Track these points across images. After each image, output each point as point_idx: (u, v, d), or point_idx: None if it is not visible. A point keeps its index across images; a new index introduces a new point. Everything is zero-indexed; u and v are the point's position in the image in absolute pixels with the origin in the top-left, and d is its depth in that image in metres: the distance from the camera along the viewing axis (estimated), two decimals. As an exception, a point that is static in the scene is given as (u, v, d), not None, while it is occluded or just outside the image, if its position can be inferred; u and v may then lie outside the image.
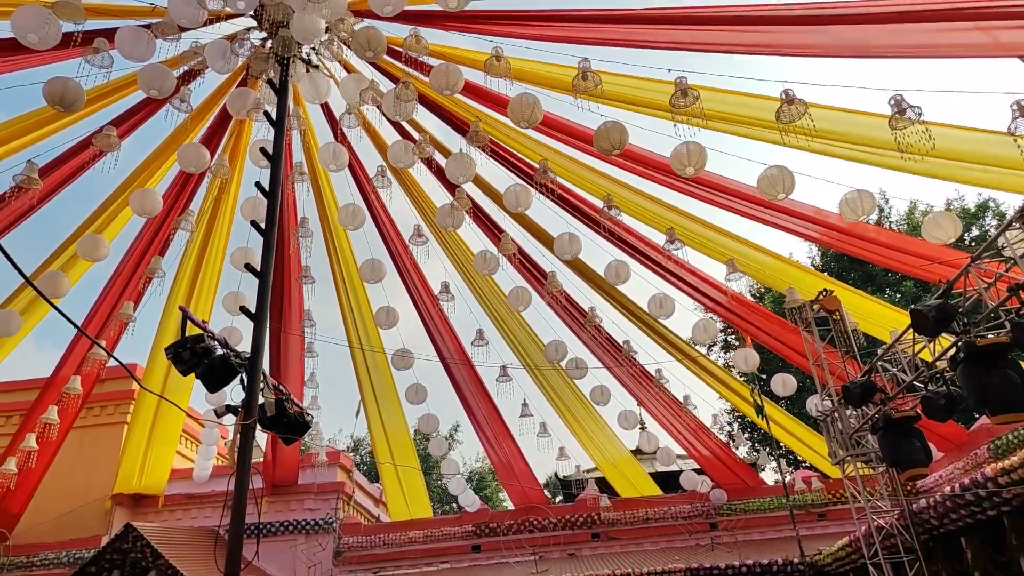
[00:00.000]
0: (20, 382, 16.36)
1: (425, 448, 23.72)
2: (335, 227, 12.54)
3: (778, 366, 18.44)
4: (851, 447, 10.21)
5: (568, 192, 11.35)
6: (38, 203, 10.22)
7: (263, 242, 8.04)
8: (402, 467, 15.09)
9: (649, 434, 13.84)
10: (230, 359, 7.12)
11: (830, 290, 10.89)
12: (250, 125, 11.13)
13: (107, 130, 9.83)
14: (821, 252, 25.00)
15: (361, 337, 13.83)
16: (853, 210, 8.84)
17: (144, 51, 8.55)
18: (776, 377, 12.68)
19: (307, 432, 8.49)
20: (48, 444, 13.44)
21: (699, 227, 10.88)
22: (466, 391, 14.39)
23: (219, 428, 15.37)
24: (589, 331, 12.66)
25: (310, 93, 9.71)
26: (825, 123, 8.33)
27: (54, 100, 8.33)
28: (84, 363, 12.76)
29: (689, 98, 7.85)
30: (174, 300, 12.46)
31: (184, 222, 11.09)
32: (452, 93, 8.93)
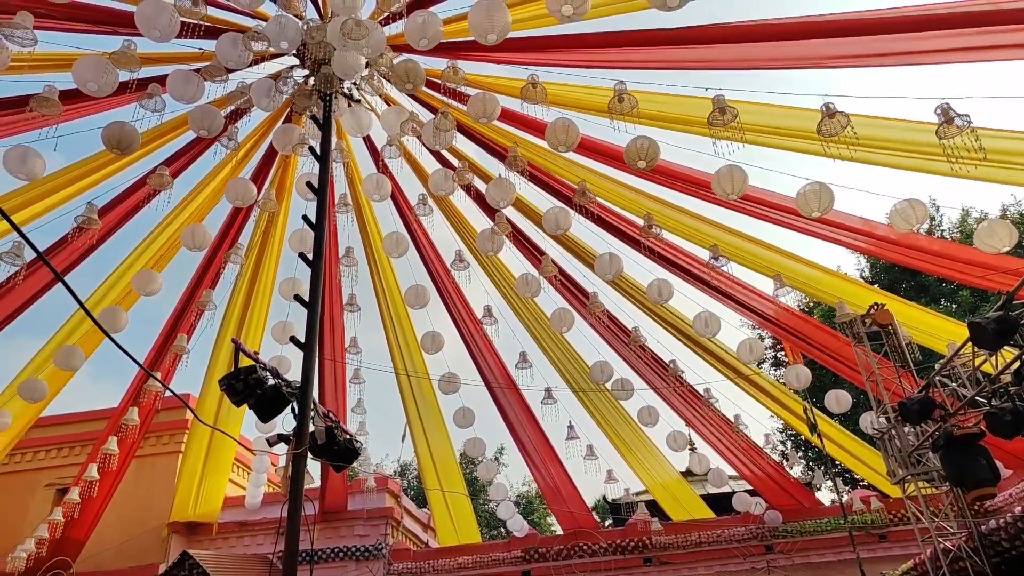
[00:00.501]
0: (82, 414, 16.98)
1: (471, 472, 23.68)
2: (379, 255, 12.76)
3: (830, 382, 17.96)
4: (911, 466, 9.86)
5: (608, 212, 11.34)
6: (98, 242, 10.66)
7: (311, 273, 8.24)
8: (450, 493, 15.10)
9: (700, 455, 13.58)
10: (281, 389, 7.29)
11: (882, 304, 10.60)
12: (295, 159, 11.46)
13: (160, 170, 10.24)
14: (871, 264, 24.35)
15: (406, 362, 13.97)
16: (905, 220, 8.63)
17: (194, 93, 8.93)
18: (830, 394, 12.33)
19: (356, 459, 8.59)
20: (109, 474, 13.87)
21: (743, 242, 10.73)
22: (511, 414, 14.36)
23: (269, 456, 15.68)
24: (634, 351, 12.54)
25: (352, 127, 9.96)
26: (869, 130, 8.18)
27: (112, 144, 8.74)
28: (141, 394, 13.18)
29: (728, 115, 7.81)
30: (226, 331, 12.81)
31: (234, 255, 11.42)
32: (489, 121, 9.06)
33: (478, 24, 7.39)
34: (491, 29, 7.43)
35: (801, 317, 13.99)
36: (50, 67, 8.90)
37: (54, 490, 16.69)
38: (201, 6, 8.22)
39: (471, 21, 7.42)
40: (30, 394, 11.36)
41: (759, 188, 10.05)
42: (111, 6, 8.75)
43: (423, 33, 7.61)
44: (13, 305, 10.83)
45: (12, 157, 8.38)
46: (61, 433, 16.84)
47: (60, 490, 16.00)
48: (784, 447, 24.09)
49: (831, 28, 7.82)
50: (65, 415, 16.85)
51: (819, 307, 23.12)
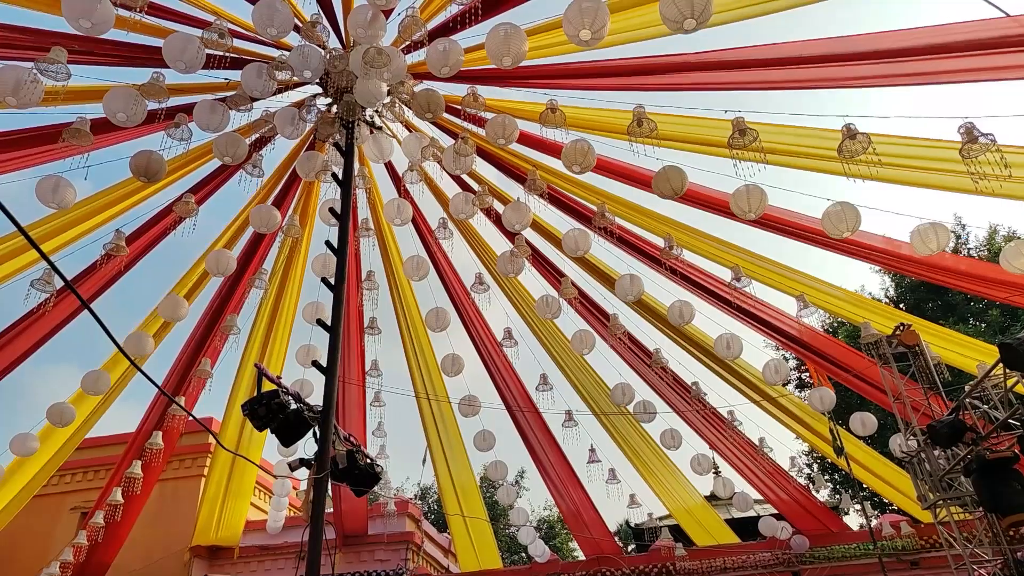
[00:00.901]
0: (106, 437, 17.13)
1: (492, 495, 23.51)
2: (400, 279, 12.85)
3: (856, 403, 17.66)
4: (943, 490, 9.63)
5: (628, 232, 11.33)
6: (125, 268, 10.86)
7: (333, 298, 8.32)
8: (470, 518, 14.99)
9: (724, 479, 13.38)
10: (303, 413, 7.34)
11: (908, 324, 10.44)
12: (319, 185, 11.62)
13: (186, 197, 10.44)
14: (895, 283, 24.02)
15: (427, 385, 13.98)
16: (925, 243, 8.52)
17: (219, 122, 9.13)
18: (855, 416, 12.13)
19: (377, 483, 8.59)
20: (133, 498, 13.97)
21: (766, 265, 10.66)
22: (532, 437, 14.28)
23: (291, 480, 15.70)
24: (656, 372, 12.45)
25: (374, 153, 10.10)
26: (891, 148, 8.13)
27: (139, 172, 8.94)
28: (165, 418, 13.30)
29: (747, 137, 7.81)
30: (249, 355, 12.93)
31: (258, 280, 11.57)
32: (507, 144, 9.14)
33: (494, 49, 7.48)
34: (507, 52, 7.52)
35: (825, 337, 13.82)
36: (81, 99, 9.14)
37: (79, 513, 16.82)
38: (227, 38, 8.42)
39: (488, 46, 7.52)
40: (59, 419, 11.52)
41: (781, 208, 10.00)
42: (140, 42, 8.99)
43: (444, 61, 7.72)
44: (44, 331, 11.02)
45: (44, 187, 8.60)
46: (86, 457, 16.98)
47: (84, 513, 16.13)
48: (810, 470, 23.66)
49: (851, 55, 7.83)
50: (90, 439, 16.94)
51: (843, 327, 22.82)
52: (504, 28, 7.32)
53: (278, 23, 7.89)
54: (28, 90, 7.69)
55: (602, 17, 6.67)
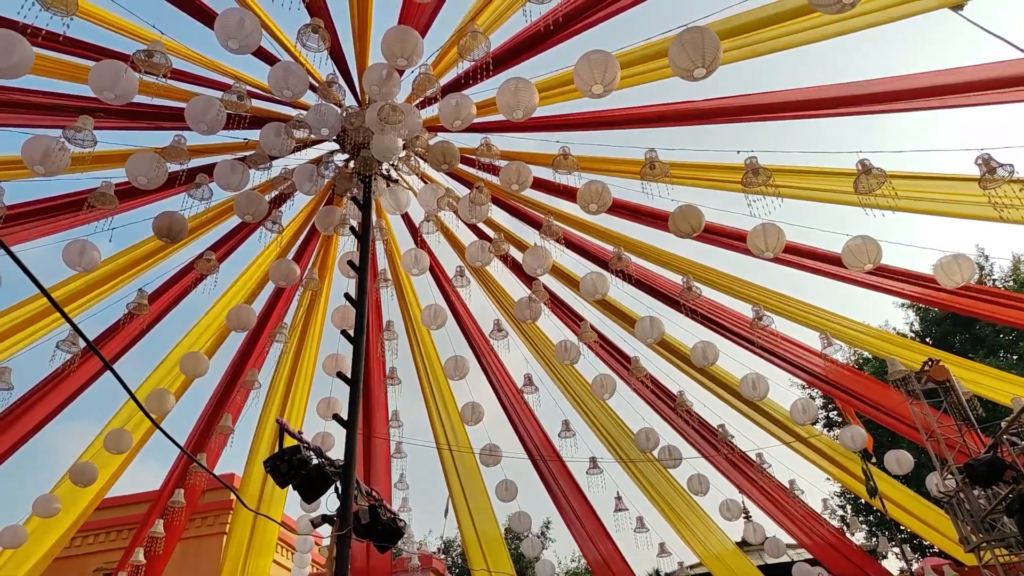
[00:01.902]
0: (127, 496, 17.09)
1: (517, 547, 23.00)
2: (419, 328, 12.86)
3: (888, 441, 17.21)
4: (985, 531, 9.27)
5: (645, 273, 11.30)
6: (148, 328, 10.98)
7: (353, 350, 8.33)
8: (497, 573, 14.62)
9: (755, 524, 12.99)
10: (325, 468, 7.26)
11: (937, 359, 10.22)
12: (337, 238, 11.77)
13: (207, 255, 10.60)
14: (920, 316, 23.63)
15: (448, 434, 13.84)
16: (949, 275, 8.41)
17: (239, 181, 9.32)
18: (889, 454, 11.77)
19: (400, 538, 8.44)
20: (155, 558, 13.82)
21: (787, 303, 10.55)
22: (555, 486, 14.01)
23: (313, 536, 15.49)
24: (681, 416, 12.24)
25: (391, 206, 10.24)
26: (909, 184, 8.10)
27: (162, 233, 9.12)
28: (187, 476, 13.24)
29: (761, 176, 7.82)
30: (270, 409, 12.92)
31: (279, 334, 11.63)
32: (521, 189, 9.22)
33: (506, 103, 7.62)
34: (517, 106, 7.65)
35: (852, 373, 13.54)
36: (105, 163, 9.40)
37: (102, 575, 16.67)
38: (246, 99, 8.66)
39: (499, 101, 7.67)
40: (80, 478, 11.51)
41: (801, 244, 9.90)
42: (162, 104, 9.27)
43: (456, 115, 7.87)
44: (68, 392, 11.11)
45: (71, 251, 8.79)
46: (108, 517, 16.93)
47: (107, 575, 15.98)
48: (844, 512, 22.95)
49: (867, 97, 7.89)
50: (112, 498, 16.93)
51: (870, 363, 22.42)
52: (514, 83, 7.47)
53: (292, 84, 8.11)
54: (56, 158, 7.93)
55: (612, 69, 6.79)
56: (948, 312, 22.06)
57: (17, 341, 10.25)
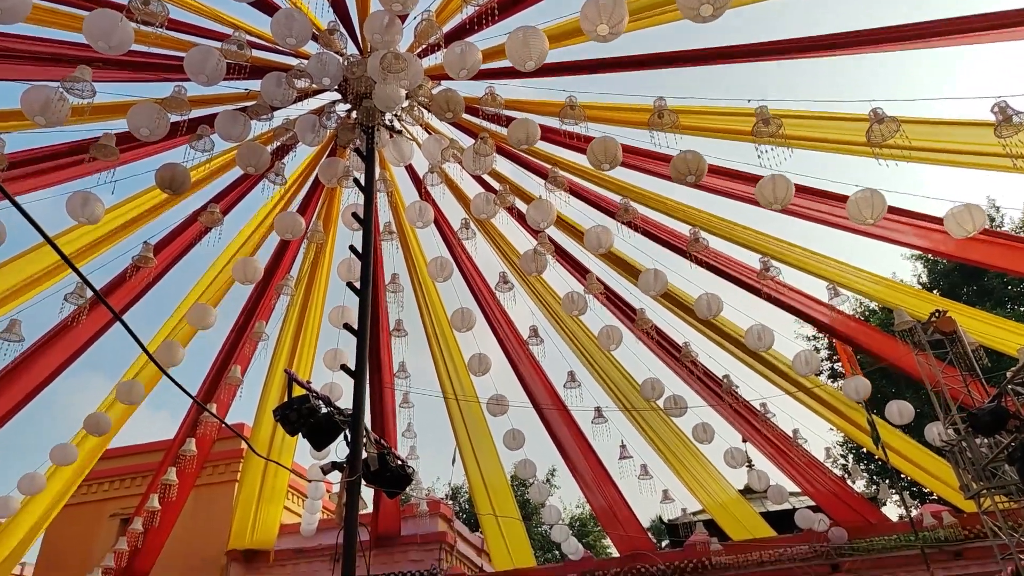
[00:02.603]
0: (142, 445, 17.48)
1: (523, 494, 23.50)
2: (424, 280, 12.87)
3: (891, 392, 17.33)
4: (986, 479, 9.39)
5: (653, 225, 11.20)
6: (154, 280, 11.02)
7: (359, 301, 8.35)
8: (503, 517, 14.98)
9: (758, 472, 13.19)
10: (334, 417, 7.37)
11: (944, 310, 10.18)
12: (341, 191, 11.68)
13: (211, 207, 10.55)
14: (928, 269, 23.49)
15: (454, 385, 14.00)
16: (960, 225, 8.31)
17: (241, 132, 9.21)
18: (891, 405, 11.85)
19: (409, 484, 8.61)
20: (169, 504, 14.20)
21: (795, 252, 10.47)
22: (561, 435, 14.22)
23: (324, 483, 15.83)
24: (686, 366, 12.31)
25: (395, 157, 10.12)
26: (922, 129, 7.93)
27: (165, 185, 9.06)
28: (198, 425, 13.49)
29: (772, 127, 7.67)
30: (278, 361, 13.06)
31: (285, 287, 11.67)
32: (529, 147, 9.10)
33: (516, 53, 7.43)
34: (529, 56, 7.48)
35: (857, 324, 13.55)
36: (106, 115, 9.29)
37: (118, 520, 17.17)
38: (246, 49, 8.48)
39: (509, 51, 7.48)
40: (95, 428, 11.74)
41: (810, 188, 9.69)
42: (161, 53, 9.10)
43: (462, 64, 7.70)
44: (78, 343, 11.22)
45: (74, 203, 8.76)
46: (123, 464, 17.34)
47: (124, 520, 16.45)
48: (845, 461, 23.28)
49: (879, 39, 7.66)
50: (126, 447, 17.34)
51: (875, 315, 22.41)
52: (522, 32, 7.27)
53: (296, 32, 7.94)
54: (56, 109, 7.83)
55: (619, 12, 6.60)
56: (956, 264, 21.94)
57: (23, 294, 10.30)
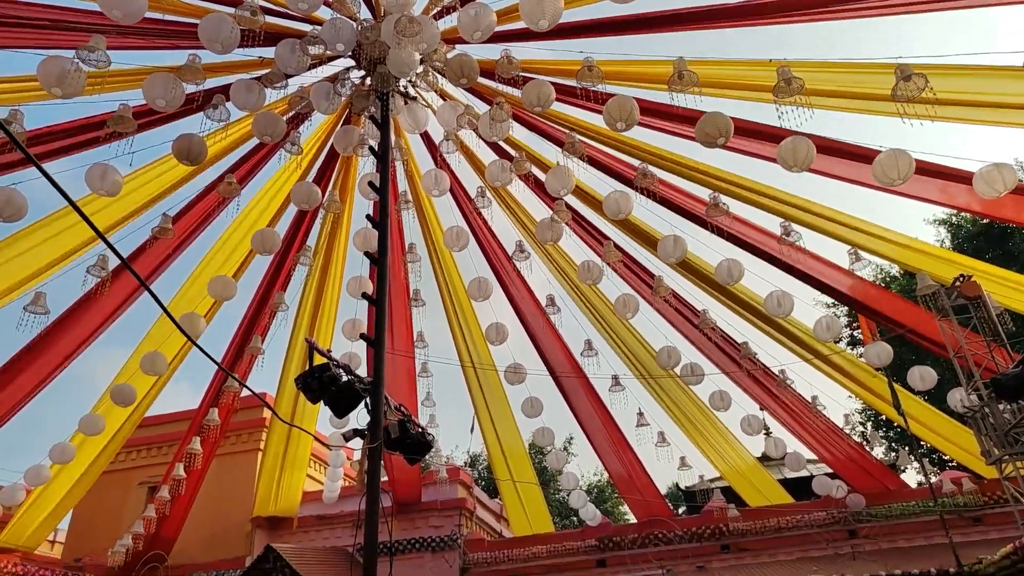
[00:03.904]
0: (169, 415, 17.81)
1: (541, 461, 23.73)
2: (441, 250, 12.86)
3: (912, 359, 17.17)
4: (1008, 445, 9.32)
5: (671, 188, 11.05)
6: (174, 251, 11.10)
7: (377, 271, 8.36)
8: (521, 483, 15.15)
9: (776, 439, 13.19)
10: (354, 385, 7.43)
11: (968, 275, 10.01)
12: (357, 160, 11.64)
13: (228, 178, 10.57)
14: (952, 234, 23.09)
15: (472, 355, 14.07)
16: (990, 185, 8.11)
17: (256, 101, 9.16)
18: (913, 371, 11.72)
19: (429, 451, 8.69)
20: (194, 473, 14.52)
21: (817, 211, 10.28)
22: (578, 403, 14.29)
23: (345, 450, 16.07)
24: (704, 334, 12.26)
25: (409, 124, 10.04)
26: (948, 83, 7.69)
27: (182, 156, 9.06)
28: (220, 395, 13.71)
29: (794, 86, 7.50)
30: (298, 331, 13.18)
31: (303, 257, 11.71)
32: (544, 109, 8.96)
33: (530, 11, 7.30)
34: (542, 15, 7.35)
35: (878, 291, 13.39)
36: (121, 85, 9.28)
37: (146, 488, 17.59)
38: (259, 15, 8.40)
39: (523, 9, 7.35)
40: (121, 399, 11.95)
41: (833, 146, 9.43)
42: (175, 20, 9.05)
43: (476, 26, 7.58)
44: (102, 315, 11.37)
45: (93, 175, 8.79)
46: (150, 434, 17.69)
47: (151, 488, 16.85)
48: (864, 428, 23.21)
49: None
50: (153, 417, 17.63)
51: (896, 281, 22.13)
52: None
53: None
54: (72, 79, 7.82)
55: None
56: (980, 229, 21.54)
57: (45, 270, 10.42)
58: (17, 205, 8.51)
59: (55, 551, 17.71)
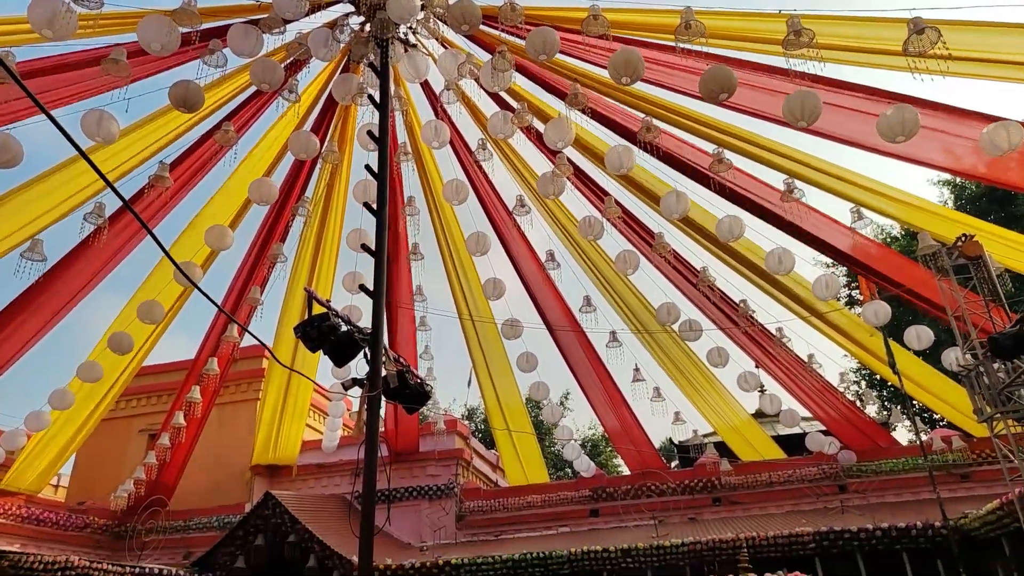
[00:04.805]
0: (168, 364, 17.93)
1: (537, 415, 24.04)
2: (441, 203, 12.76)
3: (908, 319, 17.24)
4: (1001, 403, 9.41)
5: (675, 147, 10.91)
6: (172, 198, 10.99)
7: (376, 222, 8.30)
8: (516, 433, 15.36)
9: (771, 396, 13.33)
10: (354, 335, 7.46)
11: (971, 235, 9.96)
12: (355, 109, 11.45)
13: (225, 126, 10.40)
14: (955, 194, 22.94)
15: (471, 309, 14.11)
16: (995, 144, 8.01)
17: (253, 46, 8.94)
18: (910, 330, 11.80)
19: (428, 401, 8.77)
20: (193, 421, 14.70)
21: (821, 168, 10.18)
22: (575, 358, 14.39)
23: (344, 400, 16.23)
24: (703, 291, 12.26)
25: (410, 73, 9.83)
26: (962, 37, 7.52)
27: (179, 103, 8.88)
28: (219, 344, 13.77)
29: (804, 38, 7.32)
30: (297, 282, 13.16)
31: (301, 208, 11.61)
32: (548, 58, 8.77)
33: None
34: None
35: (879, 248, 13.33)
36: (114, 27, 9.04)
37: (147, 435, 17.82)
38: (255, -45, 8.15)
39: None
40: (118, 347, 11.99)
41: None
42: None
43: (479, -32, 7.35)
44: (102, 262, 11.32)
45: (89, 121, 8.63)
46: (150, 382, 17.84)
47: (152, 435, 17.07)
48: (859, 387, 23.47)
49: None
50: (153, 365, 17.76)
51: (897, 242, 22.09)
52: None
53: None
54: (63, 20, 7.61)
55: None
56: (984, 190, 21.39)
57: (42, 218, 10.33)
58: (13, 151, 8.38)
59: (59, 495, 18.03)
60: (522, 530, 15.08)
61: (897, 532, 10.84)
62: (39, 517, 14.53)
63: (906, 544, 10.73)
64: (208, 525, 16.01)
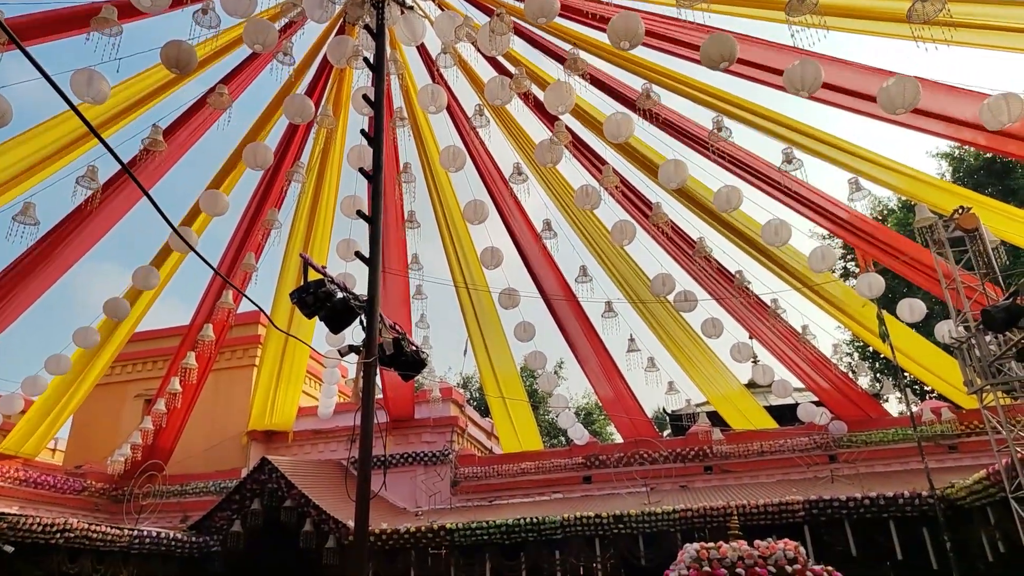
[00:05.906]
0: (164, 330, 17.92)
1: (531, 384, 24.19)
2: (437, 170, 12.65)
3: (902, 291, 17.32)
4: (991, 375, 9.49)
5: (674, 115, 10.81)
6: (166, 163, 10.86)
7: (371, 187, 8.22)
8: (511, 401, 15.46)
9: (764, 366, 13.42)
10: (350, 302, 7.44)
11: (968, 207, 9.94)
12: (351, 73, 11.28)
13: (219, 88, 10.23)
14: (953, 167, 22.87)
15: (466, 277, 14.08)
16: (995, 115, 7.95)
17: (247, 6, 8.77)
18: (903, 302, 11.86)
19: (423, 368, 8.80)
20: (189, 386, 14.74)
21: (819, 142, 10.11)
22: (570, 328, 14.42)
23: (339, 368, 16.28)
24: (699, 262, 12.26)
25: (406, 35, 9.66)
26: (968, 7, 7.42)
27: (171, 63, 8.72)
28: (214, 311, 13.75)
29: (808, 2, 7.20)
30: (292, 249, 13.09)
31: (296, 174, 11.50)
32: (548, 20, 8.61)
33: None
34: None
35: (876, 223, 13.34)
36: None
37: (142, 401, 17.88)
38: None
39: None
40: (114, 312, 11.97)
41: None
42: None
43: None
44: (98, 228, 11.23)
45: (79, 80, 8.48)
46: (146, 348, 17.85)
47: (147, 400, 17.13)
48: (851, 359, 23.64)
49: None
50: (148, 331, 17.76)
51: (893, 215, 22.07)
52: None
53: None
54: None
55: None
56: (982, 163, 21.34)
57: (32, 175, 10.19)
58: (1, 110, 8.25)
59: (56, 459, 18.15)
60: (516, 496, 15.27)
61: (885, 501, 10.99)
62: (37, 480, 14.64)
63: (893, 513, 10.88)
64: (205, 490, 16.15)
